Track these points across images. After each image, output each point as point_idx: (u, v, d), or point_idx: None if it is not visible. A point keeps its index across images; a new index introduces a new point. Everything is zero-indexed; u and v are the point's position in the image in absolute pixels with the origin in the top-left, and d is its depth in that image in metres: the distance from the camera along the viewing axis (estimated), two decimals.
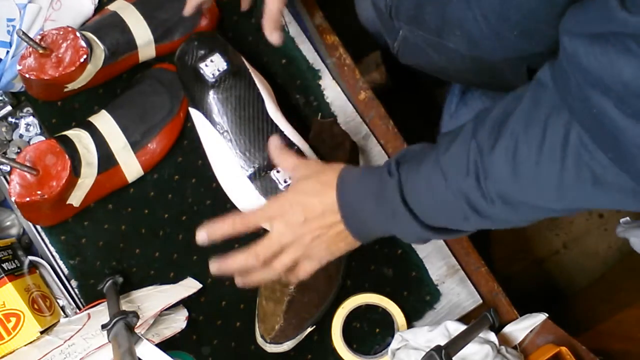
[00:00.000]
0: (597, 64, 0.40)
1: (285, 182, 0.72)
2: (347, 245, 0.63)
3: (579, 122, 0.44)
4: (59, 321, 0.77)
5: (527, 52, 0.60)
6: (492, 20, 0.56)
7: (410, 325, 0.81)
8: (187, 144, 0.83)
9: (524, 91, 0.51)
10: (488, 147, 0.50)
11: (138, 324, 0.67)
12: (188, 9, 0.75)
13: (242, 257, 0.63)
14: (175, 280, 0.80)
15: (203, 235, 0.64)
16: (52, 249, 0.80)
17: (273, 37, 0.71)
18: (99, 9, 0.83)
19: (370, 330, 0.81)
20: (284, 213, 0.61)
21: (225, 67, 0.73)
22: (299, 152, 0.74)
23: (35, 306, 0.75)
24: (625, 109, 0.40)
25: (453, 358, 0.61)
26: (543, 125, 0.47)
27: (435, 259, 0.83)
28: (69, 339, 0.71)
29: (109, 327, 0.65)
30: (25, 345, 0.73)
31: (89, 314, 0.75)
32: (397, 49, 0.79)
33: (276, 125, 0.74)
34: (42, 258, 0.80)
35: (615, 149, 0.42)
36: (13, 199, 0.70)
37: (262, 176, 0.72)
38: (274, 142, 0.68)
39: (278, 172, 0.72)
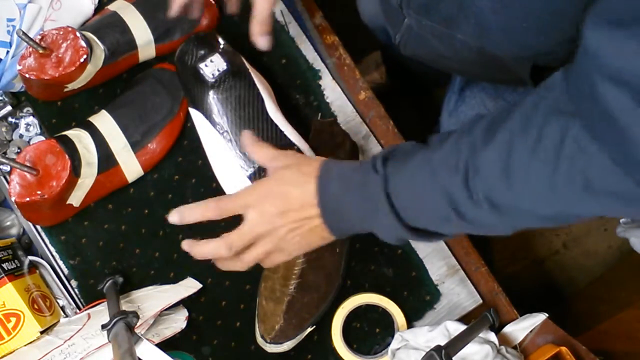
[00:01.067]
0: (617, 52, 0.39)
1: None
2: (321, 240, 0.61)
3: (585, 125, 0.44)
4: (59, 321, 0.77)
5: (536, 48, 0.60)
6: (508, 13, 0.55)
7: (410, 325, 0.81)
8: (187, 144, 0.83)
9: (527, 95, 0.51)
10: (482, 144, 0.49)
11: (138, 324, 0.67)
12: (174, 9, 0.73)
13: (213, 245, 0.61)
14: (175, 280, 0.80)
15: (174, 217, 0.62)
16: (52, 249, 0.80)
17: (260, 41, 0.69)
18: (99, 9, 0.83)
19: (370, 330, 0.81)
20: (261, 202, 0.59)
21: (225, 67, 0.73)
22: (299, 152, 0.74)
23: (35, 306, 0.75)
24: None
25: (453, 358, 0.61)
26: (540, 126, 0.46)
27: (435, 259, 0.83)
28: (69, 339, 0.71)
29: (109, 327, 0.65)
30: (25, 345, 0.73)
31: (89, 314, 0.75)
32: (399, 40, 0.78)
33: (276, 125, 0.74)
34: (42, 258, 0.80)
35: (621, 150, 0.41)
36: (13, 199, 0.70)
37: (262, 176, 0.72)
38: (246, 137, 0.65)
39: None
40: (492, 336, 0.74)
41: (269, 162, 0.64)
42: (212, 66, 0.73)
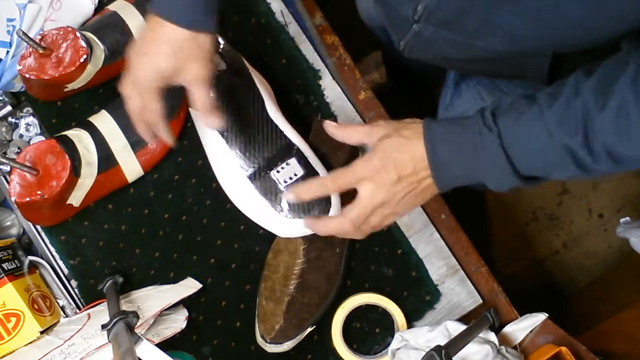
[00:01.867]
0: None
1: (285, 182, 0.72)
2: (430, 196, 0.64)
3: None
4: (59, 321, 0.77)
5: (579, 46, 0.61)
6: (558, 28, 0.57)
7: (410, 325, 0.81)
8: (187, 144, 0.83)
9: (618, 59, 0.54)
10: (597, 107, 0.53)
11: (138, 324, 0.67)
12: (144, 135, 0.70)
13: (337, 223, 0.63)
14: (175, 280, 0.80)
15: (291, 196, 0.64)
16: (52, 249, 0.80)
17: (211, 124, 0.67)
18: (99, 9, 0.83)
19: (370, 330, 0.81)
20: (375, 174, 0.61)
21: (225, 67, 0.73)
22: (299, 152, 0.74)
23: (35, 306, 0.75)
24: None
25: (453, 358, 0.61)
26: None
27: (435, 259, 0.83)
28: (69, 339, 0.71)
29: (109, 327, 0.65)
30: (25, 345, 0.73)
31: (89, 314, 0.75)
32: (404, 45, 0.78)
33: (276, 125, 0.74)
34: (42, 258, 0.80)
35: None
36: (13, 199, 0.70)
37: (262, 176, 0.72)
38: (329, 125, 0.66)
39: (278, 172, 0.72)
40: (492, 336, 0.74)
41: (366, 138, 0.65)
42: (212, 66, 0.73)
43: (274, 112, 0.75)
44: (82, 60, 0.72)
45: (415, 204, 0.64)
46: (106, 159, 0.76)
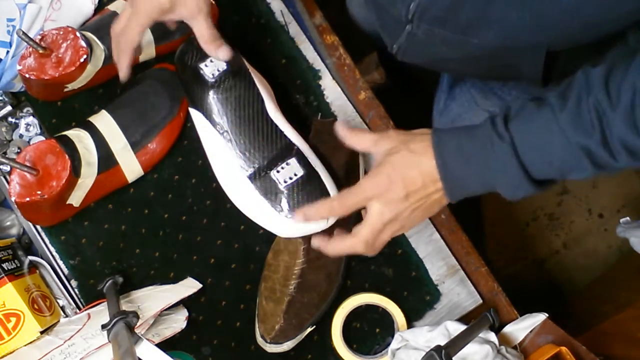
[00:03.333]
0: None
1: (285, 182, 0.71)
2: (439, 208, 0.64)
3: None
4: (59, 321, 0.77)
5: (566, 38, 0.60)
6: (553, 18, 0.56)
7: (410, 325, 0.81)
8: (187, 144, 0.83)
9: (623, 54, 0.53)
10: (610, 104, 0.52)
11: (138, 324, 0.67)
12: (123, 75, 0.72)
13: (350, 244, 0.63)
14: (175, 280, 0.80)
15: (301, 217, 0.65)
16: (52, 249, 0.80)
17: (221, 54, 0.70)
18: (99, 9, 0.83)
19: (370, 330, 0.81)
20: (382, 192, 0.61)
21: (225, 67, 0.73)
22: (299, 152, 0.74)
23: (35, 306, 0.75)
24: None
25: (453, 358, 0.61)
26: None
27: (435, 259, 0.83)
28: (69, 339, 0.71)
29: (109, 327, 0.65)
30: (25, 345, 0.73)
31: (89, 314, 0.75)
32: (397, 48, 0.78)
33: (276, 125, 0.74)
34: (42, 258, 0.80)
35: None
36: (13, 199, 0.70)
37: (262, 176, 0.72)
38: (341, 128, 0.66)
39: (278, 172, 0.72)
40: (492, 336, 0.74)
41: (373, 148, 0.64)
42: (212, 66, 0.73)
43: (274, 112, 0.75)
44: (82, 60, 0.72)
45: (424, 217, 0.64)
46: (106, 159, 0.76)
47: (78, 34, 0.72)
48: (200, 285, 0.79)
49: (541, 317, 0.78)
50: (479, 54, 0.67)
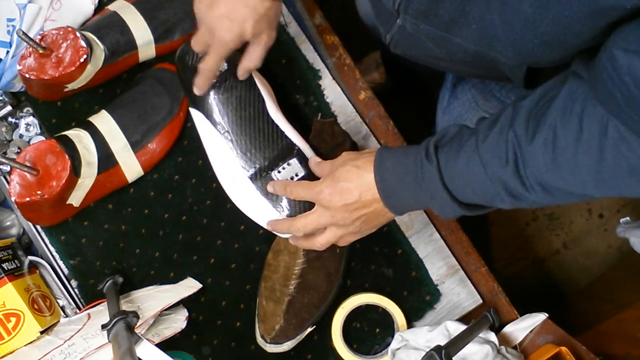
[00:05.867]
0: None
1: None
2: (386, 219, 0.68)
3: (621, 121, 0.47)
4: (59, 321, 0.77)
5: (538, 57, 0.60)
6: (516, 27, 0.56)
7: (410, 325, 0.81)
8: (187, 144, 0.83)
9: (557, 83, 0.54)
10: (527, 138, 0.53)
11: (138, 324, 0.67)
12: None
13: (287, 224, 0.69)
14: (175, 280, 0.80)
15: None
16: (52, 249, 0.80)
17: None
18: (99, 9, 0.83)
19: (370, 330, 0.81)
20: (323, 198, 0.65)
21: (226, 67, 0.73)
22: (300, 153, 0.74)
23: (35, 306, 0.75)
24: None
25: (453, 358, 0.61)
26: (579, 117, 0.50)
27: (435, 259, 0.83)
28: (69, 339, 0.71)
29: (109, 327, 0.65)
30: (25, 345, 0.73)
31: (89, 314, 0.75)
32: (390, 40, 0.78)
33: (276, 125, 0.74)
34: (42, 258, 0.80)
35: None
36: (13, 199, 0.70)
37: (263, 176, 0.72)
38: (313, 163, 0.73)
39: (279, 172, 0.72)
40: (492, 336, 0.74)
41: (319, 174, 0.71)
42: None
43: (274, 112, 0.75)
44: (82, 60, 0.72)
45: (373, 227, 0.68)
46: (106, 159, 0.75)
47: (78, 34, 0.72)
48: (200, 285, 0.79)
49: (541, 317, 0.78)
50: (461, 56, 0.68)
